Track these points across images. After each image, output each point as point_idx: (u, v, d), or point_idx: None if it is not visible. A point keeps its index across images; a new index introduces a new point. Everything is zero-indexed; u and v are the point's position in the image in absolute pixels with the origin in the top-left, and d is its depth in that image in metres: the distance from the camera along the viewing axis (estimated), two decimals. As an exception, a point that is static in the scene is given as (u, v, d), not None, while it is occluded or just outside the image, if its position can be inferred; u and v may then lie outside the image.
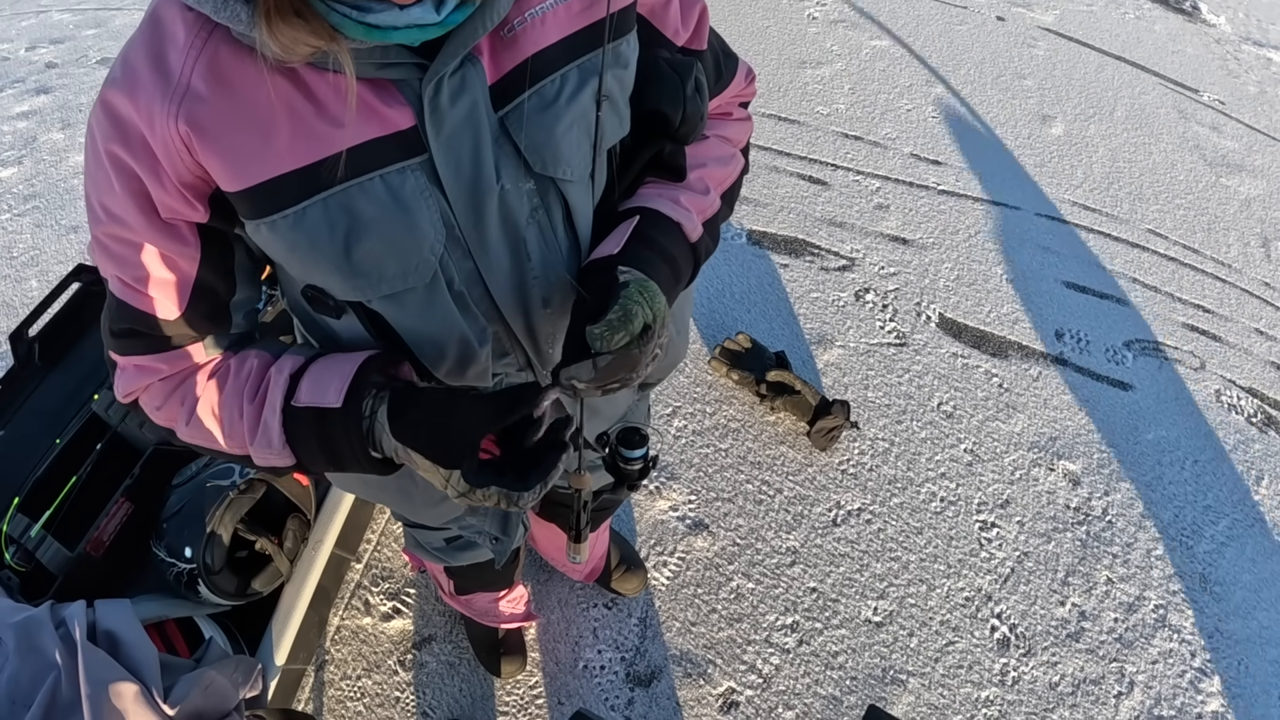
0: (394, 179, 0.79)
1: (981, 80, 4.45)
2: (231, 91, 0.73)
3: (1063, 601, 2.36)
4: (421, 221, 0.81)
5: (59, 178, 3.65)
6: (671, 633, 2.19)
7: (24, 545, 1.63)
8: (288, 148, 0.75)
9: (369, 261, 0.81)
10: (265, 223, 0.78)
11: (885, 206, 3.56)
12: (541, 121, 0.83)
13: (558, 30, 0.82)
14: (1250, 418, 2.97)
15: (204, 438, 0.93)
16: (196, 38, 0.72)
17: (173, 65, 0.72)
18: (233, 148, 0.74)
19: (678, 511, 2.42)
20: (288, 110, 0.74)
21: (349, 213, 0.79)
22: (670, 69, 0.93)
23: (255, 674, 1.47)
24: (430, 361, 0.94)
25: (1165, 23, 5.50)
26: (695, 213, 0.97)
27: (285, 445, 0.88)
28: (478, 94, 0.78)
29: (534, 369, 1.04)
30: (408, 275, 0.84)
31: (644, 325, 0.82)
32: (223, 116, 0.73)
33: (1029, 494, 2.60)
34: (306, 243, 0.79)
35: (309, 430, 0.86)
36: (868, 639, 2.22)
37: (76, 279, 2.05)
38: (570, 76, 0.84)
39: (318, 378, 0.87)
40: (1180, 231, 3.72)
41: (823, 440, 2.57)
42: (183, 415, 0.92)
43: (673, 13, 0.95)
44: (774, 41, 4.56)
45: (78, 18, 4.86)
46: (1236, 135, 4.46)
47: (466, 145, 0.80)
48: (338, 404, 0.84)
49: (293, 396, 0.87)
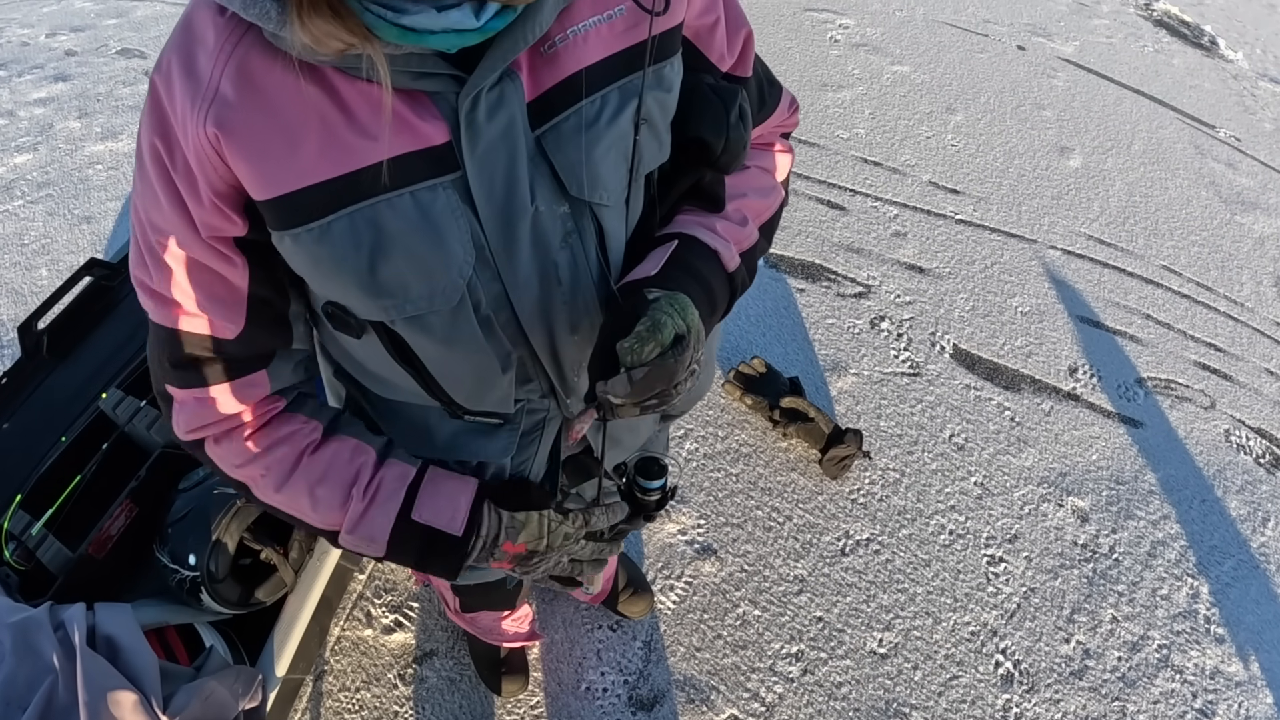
0: (424, 196, 0.76)
1: (1001, 109, 4.47)
2: (261, 96, 0.71)
3: (1068, 639, 2.36)
4: (451, 242, 0.79)
5: (74, 167, 3.64)
6: (676, 657, 2.19)
7: (24, 543, 1.59)
8: (316, 158, 0.72)
9: (394, 281, 0.79)
10: (289, 234, 0.76)
11: (903, 234, 3.57)
12: (580, 143, 0.80)
13: (600, 49, 0.80)
14: (1259, 458, 2.98)
15: (289, 506, 0.93)
16: (226, 41, 0.70)
17: (202, 69, 0.70)
18: (261, 154, 0.72)
19: (686, 535, 2.43)
20: (318, 119, 0.72)
21: (376, 229, 0.76)
22: (714, 95, 0.90)
23: (255, 685, 1.45)
24: (451, 386, 0.94)
25: (1183, 57, 5.52)
26: (733, 243, 0.96)
27: (385, 545, 0.93)
28: (516, 110, 0.76)
29: (557, 396, 1.03)
30: (434, 297, 0.82)
31: (676, 336, 0.80)
32: (251, 121, 0.71)
33: (1037, 529, 2.60)
34: (330, 258, 0.77)
35: (417, 544, 0.93)
36: (872, 670, 2.23)
37: (88, 273, 2.02)
38: (611, 98, 0.81)
39: (436, 497, 0.94)
40: (1194, 268, 3.73)
41: (834, 469, 2.58)
42: (270, 481, 0.91)
43: (719, 37, 0.93)
44: (795, 63, 4.58)
45: (99, 6, 4.87)
46: (1252, 172, 4.47)
47: (501, 164, 0.77)
48: (458, 533, 0.93)
49: (410, 510, 0.93)
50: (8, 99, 4.04)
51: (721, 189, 0.98)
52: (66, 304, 2.02)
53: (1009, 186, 3.96)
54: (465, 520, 0.94)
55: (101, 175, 3.58)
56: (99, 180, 3.55)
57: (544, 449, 1.12)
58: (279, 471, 0.91)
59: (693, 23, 0.89)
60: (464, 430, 1.04)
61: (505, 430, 1.05)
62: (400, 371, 0.92)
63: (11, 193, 3.48)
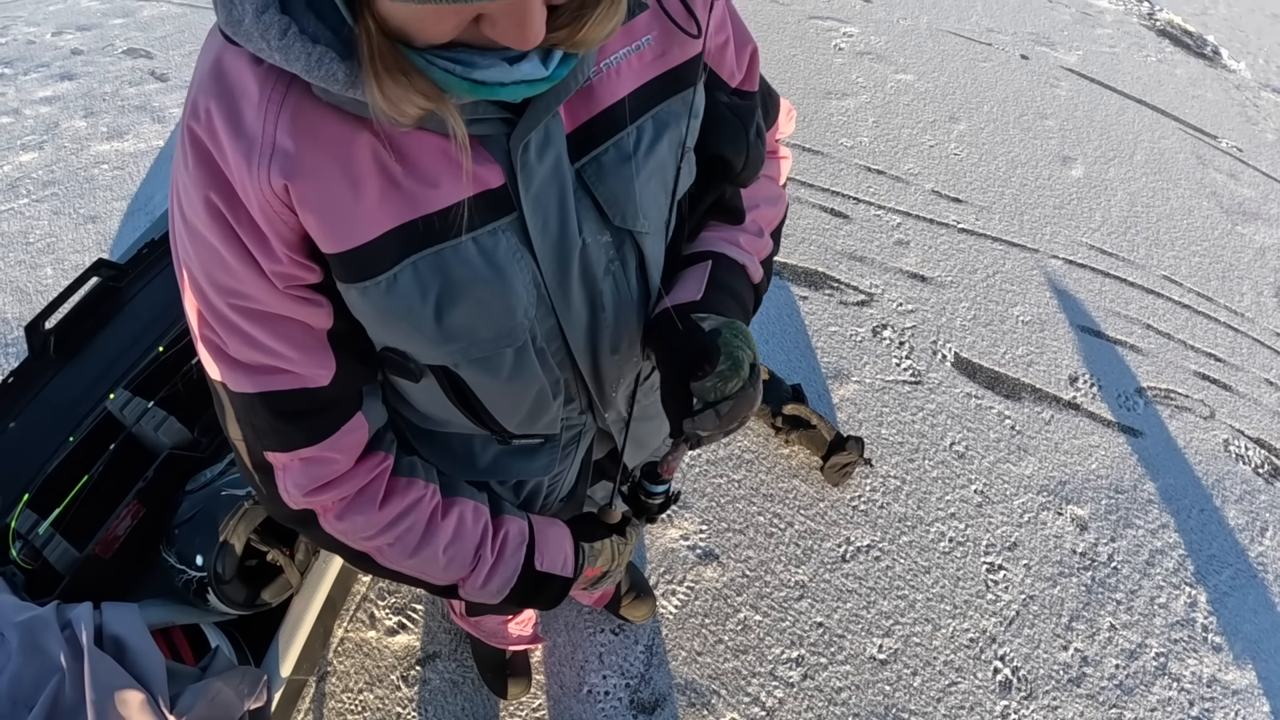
0: (486, 241, 0.76)
1: (1004, 119, 4.49)
2: (319, 147, 0.68)
3: (1066, 646, 2.38)
4: (516, 285, 0.79)
5: (79, 166, 3.64)
6: (677, 661, 2.21)
7: (31, 542, 1.59)
8: (378, 207, 0.71)
9: (461, 326, 0.78)
10: (356, 288, 0.74)
11: (905, 242, 3.59)
12: (621, 174, 0.81)
13: (632, 80, 0.81)
14: (1257, 468, 3.00)
15: (417, 570, 0.96)
16: (275, 91, 0.66)
17: (251, 123, 0.66)
18: (328, 205, 0.69)
19: (689, 541, 2.45)
20: (376, 168, 0.70)
21: (443, 276, 0.75)
22: (732, 114, 0.92)
23: (261, 686, 1.46)
24: (505, 417, 0.94)
25: (1186, 67, 5.54)
26: (754, 255, 1.00)
27: (506, 593, 1.03)
28: (560, 147, 0.76)
29: (594, 410, 1.06)
30: (500, 339, 0.82)
31: (750, 365, 0.85)
32: (316, 172, 0.68)
33: (1037, 537, 2.62)
34: (400, 309, 0.76)
35: (537, 588, 1.04)
36: (872, 676, 2.25)
37: (95, 273, 2.02)
38: (647, 127, 0.83)
39: (549, 544, 1.05)
40: (1195, 279, 3.75)
41: (836, 475, 2.60)
42: (400, 550, 0.92)
43: (729, 55, 0.94)
44: (800, 71, 4.60)
45: (106, 6, 4.86)
46: (1253, 183, 4.49)
47: (553, 201, 0.78)
48: (570, 575, 1.07)
49: (533, 561, 1.03)
50: (13, 97, 4.04)
51: (740, 202, 1.01)
52: (74, 304, 2.02)
53: (1011, 196, 3.98)
54: (574, 562, 1.07)
55: (107, 175, 3.59)
56: (104, 180, 3.56)
57: (578, 460, 1.16)
58: (410, 540, 0.92)
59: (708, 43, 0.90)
60: (507, 453, 1.06)
61: (547, 448, 1.07)
62: (454, 409, 0.92)
63: (17, 191, 3.49)
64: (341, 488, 0.86)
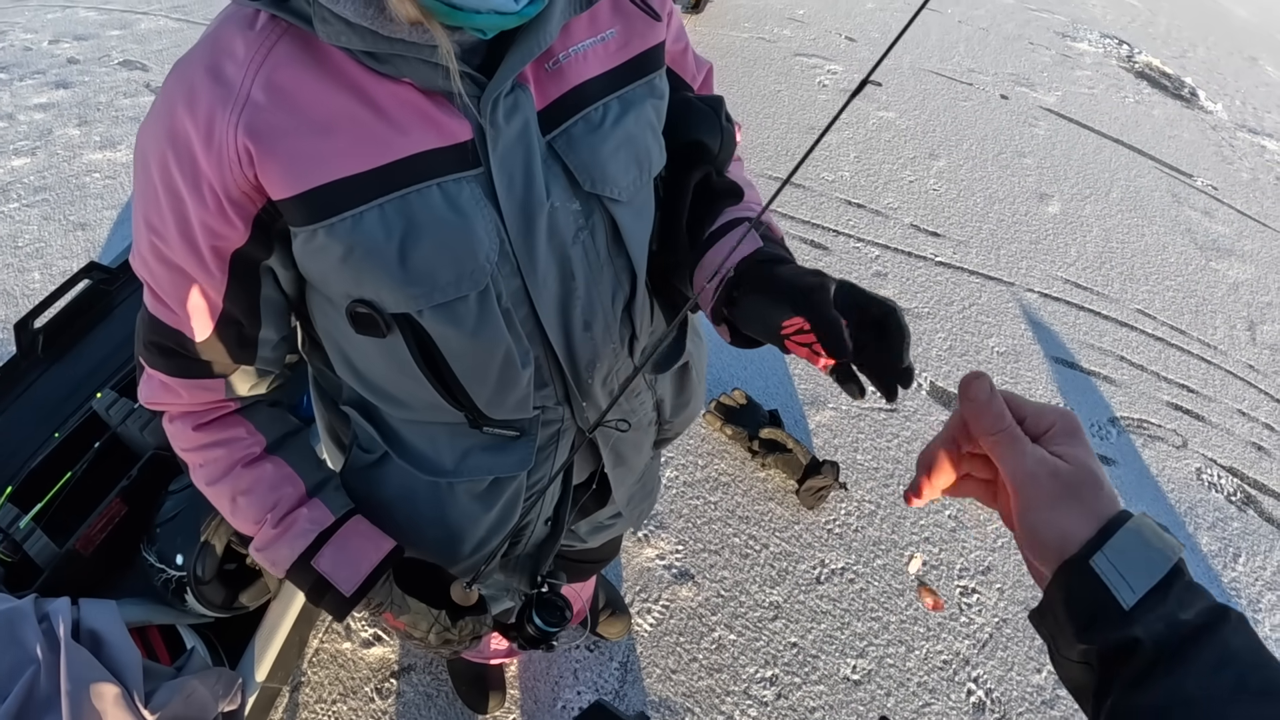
0: (451, 188, 0.81)
1: (983, 156, 4.59)
2: (292, 101, 0.76)
3: (1039, 669, 2.41)
4: (477, 228, 0.83)
5: (71, 173, 3.67)
6: (652, 679, 2.23)
7: (11, 536, 1.59)
8: (347, 153, 0.77)
9: (423, 268, 0.83)
10: (323, 227, 0.80)
11: (884, 274, 3.66)
12: (589, 143, 0.88)
13: (598, 65, 0.89)
14: (1230, 496, 3.04)
15: (214, 500, 1.03)
16: (257, 53, 0.75)
17: (231, 77, 0.75)
18: (292, 153, 0.76)
19: (664, 560, 2.48)
20: (349, 118, 0.77)
21: (406, 218, 0.80)
22: (702, 103, 1.02)
23: (235, 688, 1.47)
24: (475, 384, 0.96)
25: (1164, 108, 5.66)
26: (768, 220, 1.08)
27: (285, 570, 1.02)
28: (529, 115, 0.83)
29: (571, 403, 1.07)
30: (461, 282, 0.85)
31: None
32: (283, 123, 0.75)
33: (1010, 562, 2.65)
34: (363, 246, 0.81)
35: (309, 585, 1.02)
36: (845, 696, 2.27)
37: (87, 276, 2.04)
38: (612, 106, 0.90)
39: (342, 552, 1.02)
40: (1169, 312, 3.82)
41: (811, 499, 2.64)
42: (202, 474, 1.00)
43: (689, 60, 1.07)
44: (784, 106, 4.70)
45: (103, 17, 4.91)
46: (1228, 220, 4.58)
47: (519, 162, 0.83)
48: (347, 594, 1.01)
49: (314, 555, 1.00)
50: (8, 102, 4.07)
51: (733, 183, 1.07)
52: (64, 305, 2.04)
53: (989, 231, 4.06)
54: (360, 584, 1.01)
55: (99, 184, 3.62)
56: (96, 188, 3.59)
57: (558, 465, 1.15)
58: (211, 470, 1.00)
59: (670, 48, 1.01)
60: (478, 447, 1.06)
61: (522, 442, 1.08)
62: (420, 381, 0.94)
63: (8, 195, 3.51)
64: (175, 406, 0.99)
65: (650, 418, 1.23)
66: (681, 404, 1.29)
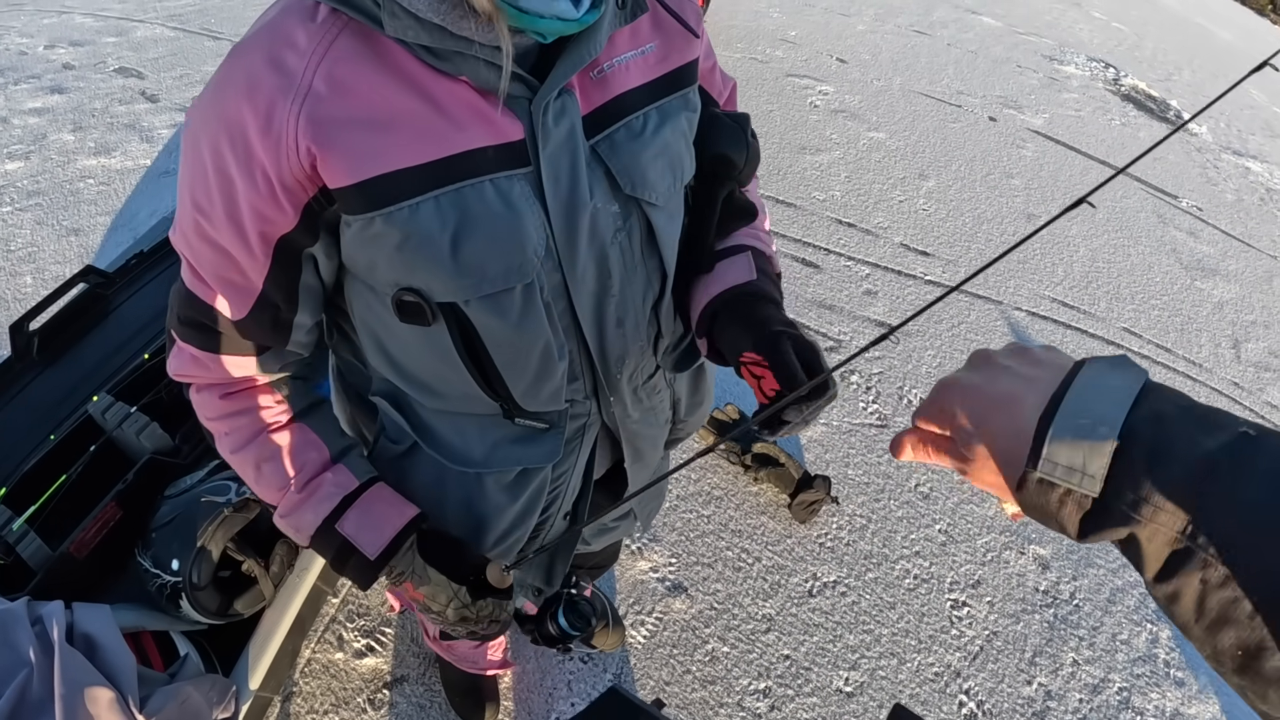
0: (503, 184, 0.84)
1: (971, 177, 4.64)
2: (354, 93, 0.78)
3: (1029, 681, 2.43)
4: (527, 224, 0.86)
5: (65, 179, 3.67)
6: (645, 691, 2.24)
7: (4, 538, 1.58)
8: (405, 145, 0.80)
9: (475, 259, 0.85)
10: (380, 215, 0.82)
11: (873, 292, 3.70)
12: (631, 149, 0.93)
13: (639, 76, 0.94)
14: (1217, 513, 3.07)
15: (239, 469, 1.04)
16: (319, 46, 0.77)
17: (293, 67, 0.77)
18: (352, 143, 0.78)
19: (658, 573, 2.49)
20: (408, 112, 0.79)
21: (460, 210, 0.83)
22: (729, 119, 1.07)
23: (230, 696, 1.47)
24: (513, 374, 0.98)
25: (1149, 130, 5.74)
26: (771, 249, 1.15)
27: (309, 539, 1.03)
28: (575, 119, 0.87)
29: (599, 396, 1.11)
30: (510, 275, 0.88)
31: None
32: (344, 115, 0.78)
33: (1000, 575, 2.68)
34: (418, 236, 0.83)
35: (334, 551, 1.02)
36: (838, 708, 2.28)
37: (83, 280, 2.04)
38: (652, 115, 0.95)
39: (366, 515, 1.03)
40: (1154, 331, 3.86)
41: (803, 513, 2.66)
42: (228, 442, 1.01)
43: (717, 77, 1.12)
44: (777, 126, 4.76)
45: (99, 23, 4.93)
46: (1212, 240, 4.64)
47: (565, 163, 0.87)
48: (372, 558, 1.02)
49: (338, 519, 1.02)
50: (2, 106, 4.07)
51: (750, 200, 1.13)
52: (59, 309, 2.04)
53: (977, 250, 4.11)
54: (384, 547, 1.02)
55: (92, 190, 3.63)
56: (89, 194, 3.60)
57: (581, 460, 1.18)
58: (236, 438, 1.01)
59: (700, 65, 1.05)
60: (507, 438, 1.09)
61: (551, 435, 1.11)
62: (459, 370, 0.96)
63: (0, 199, 3.51)
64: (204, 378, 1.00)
65: (667, 415, 1.27)
66: (696, 403, 1.33)
